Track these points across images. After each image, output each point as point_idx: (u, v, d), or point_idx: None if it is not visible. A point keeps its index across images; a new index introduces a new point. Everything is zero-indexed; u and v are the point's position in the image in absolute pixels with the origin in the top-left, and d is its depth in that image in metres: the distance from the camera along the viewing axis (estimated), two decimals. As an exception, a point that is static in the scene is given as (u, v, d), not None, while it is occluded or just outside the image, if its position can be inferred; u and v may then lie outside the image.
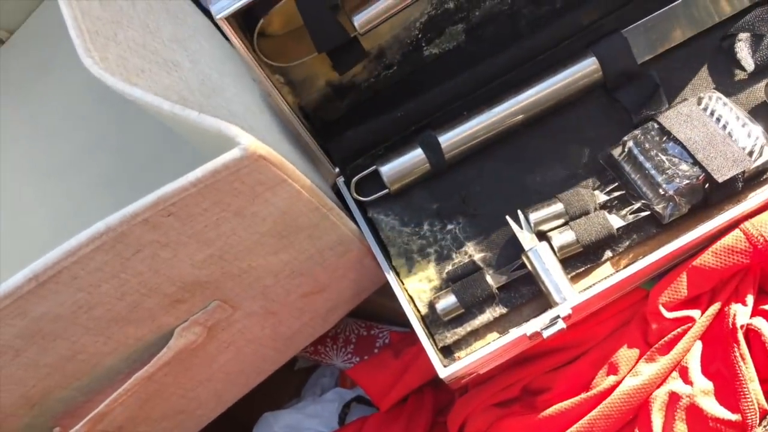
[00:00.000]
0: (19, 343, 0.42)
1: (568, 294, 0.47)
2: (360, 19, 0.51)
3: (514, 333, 0.46)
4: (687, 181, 0.48)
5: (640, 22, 0.55)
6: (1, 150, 0.72)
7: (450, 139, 0.55)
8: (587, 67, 0.54)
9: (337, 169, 0.59)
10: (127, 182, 0.65)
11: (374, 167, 0.56)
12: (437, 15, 0.57)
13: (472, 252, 0.53)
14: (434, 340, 0.50)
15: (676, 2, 0.55)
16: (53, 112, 0.72)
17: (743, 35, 0.54)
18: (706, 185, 0.48)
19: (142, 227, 0.39)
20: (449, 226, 0.54)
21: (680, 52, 0.56)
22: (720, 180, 0.47)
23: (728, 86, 0.54)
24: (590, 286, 0.48)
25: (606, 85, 0.55)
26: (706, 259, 0.47)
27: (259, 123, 0.58)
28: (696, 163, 0.48)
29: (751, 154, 0.47)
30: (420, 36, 0.58)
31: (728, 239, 0.47)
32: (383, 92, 0.60)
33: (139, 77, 0.45)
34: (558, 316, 0.45)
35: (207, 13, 0.71)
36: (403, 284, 0.53)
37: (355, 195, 0.57)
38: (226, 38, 0.65)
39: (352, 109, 0.60)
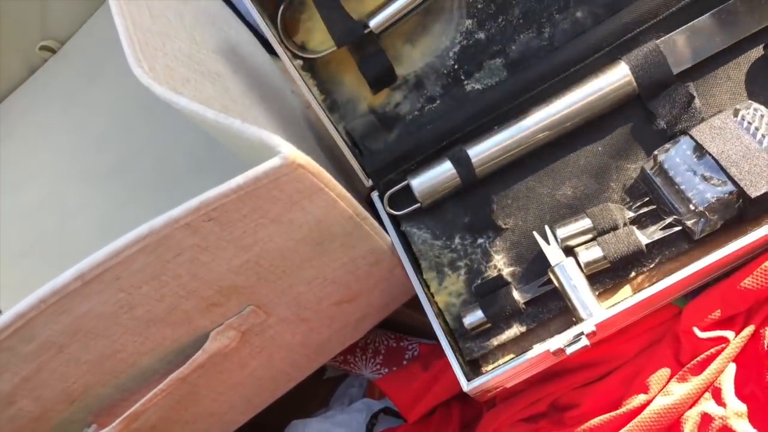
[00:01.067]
0: (63, 340, 0.44)
1: (594, 310, 0.46)
2: (375, 21, 0.54)
3: (538, 349, 0.46)
4: (719, 197, 0.47)
5: (676, 30, 0.55)
6: (50, 155, 0.75)
7: (480, 153, 0.55)
8: (620, 79, 0.54)
9: (370, 183, 0.60)
10: (168, 188, 0.67)
11: (406, 182, 0.57)
12: (469, 45, 0.58)
13: (501, 266, 0.53)
14: (461, 353, 0.50)
15: (713, 10, 0.55)
16: (100, 120, 0.75)
17: None
18: (740, 200, 0.47)
19: (183, 231, 0.40)
20: (479, 240, 0.55)
21: (719, 61, 0.54)
22: (753, 195, 0.46)
23: (769, 91, 0.52)
24: (617, 303, 0.48)
25: (640, 97, 0.54)
26: (742, 279, 0.47)
27: (297, 133, 0.59)
28: (729, 177, 0.48)
29: None
30: (456, 67, 0.59)
31: (766, 260, 0.46)
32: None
33: (185, 86, 0.46)
34: (582, 333, 0.45)
35: (249, 26, 0.73)
36: (433, 297, 0.53)
37: (388, 209, 0.57)
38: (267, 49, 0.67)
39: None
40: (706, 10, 0.55)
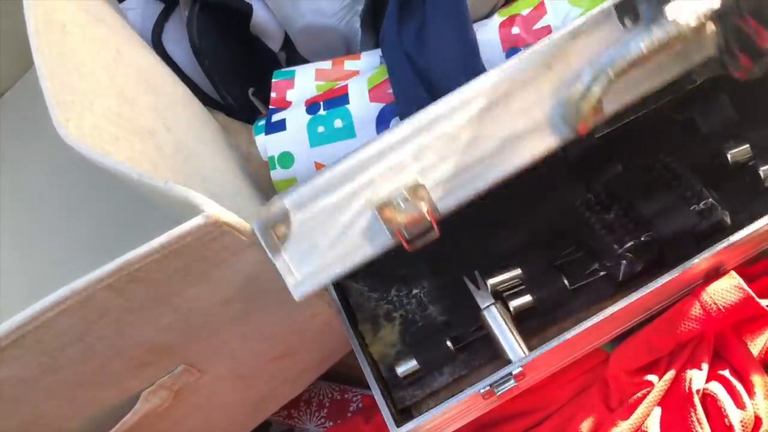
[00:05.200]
0: (-21, 408, 0.42)
1: (521, 351, 0.47)
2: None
3: (468, 392, 0.47)
4: (636, 240, 0.50)
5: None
6: (-20, 213, 0.73)
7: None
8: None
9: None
10: (107, 246, 0.66)
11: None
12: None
13: (435, 315, 0.54)
14: (394, 402, 0.50)
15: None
16: (35, 177, 0.74)
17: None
18: (658, 244, 0.50)
19: (107, 292, 0.40)
20: (414, 291, 0.55)
21: (640, 119, 0.58)
22: (667, 237, 0.48)
23: (685, 149, 0.56)
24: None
25: (567, 158, 0.57)
26: (662, 324, 0.48)
27: (234, 188, 0.59)
28: (646, 221, 0.50)
29: (701, 213, 0.49)
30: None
31: (683, 305, 0.48)
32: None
33: (113, 145, 0.46)
34: (510, 374, 0.46)
35: (186, 79, 0.74)
36: (368, 348, 0.54)
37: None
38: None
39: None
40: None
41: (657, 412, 0.48)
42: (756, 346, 0.49)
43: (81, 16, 0.51)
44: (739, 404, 0.46)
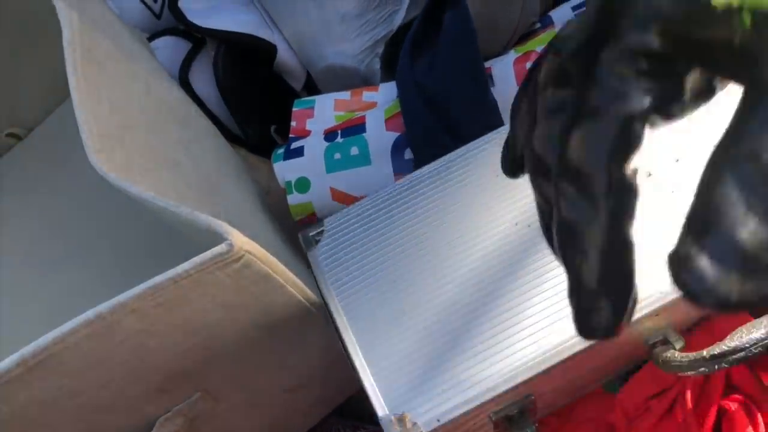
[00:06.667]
0: None
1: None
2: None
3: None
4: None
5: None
6: (8, 240, 0.75)
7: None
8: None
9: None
10: (130, 273, 0.67)
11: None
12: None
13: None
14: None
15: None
16: (60, 207, 0.76)
17: None
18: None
19: (130, 316, 0.41)
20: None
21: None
22: None
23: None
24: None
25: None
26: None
27: (255, 220, 0.61)
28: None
29: None
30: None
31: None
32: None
33: (142, 176, 0.48)
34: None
35: (210, 114, 0.76)
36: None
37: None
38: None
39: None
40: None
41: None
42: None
43: (115, 53, 0.54)
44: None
